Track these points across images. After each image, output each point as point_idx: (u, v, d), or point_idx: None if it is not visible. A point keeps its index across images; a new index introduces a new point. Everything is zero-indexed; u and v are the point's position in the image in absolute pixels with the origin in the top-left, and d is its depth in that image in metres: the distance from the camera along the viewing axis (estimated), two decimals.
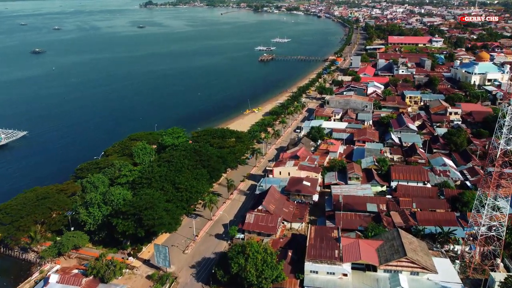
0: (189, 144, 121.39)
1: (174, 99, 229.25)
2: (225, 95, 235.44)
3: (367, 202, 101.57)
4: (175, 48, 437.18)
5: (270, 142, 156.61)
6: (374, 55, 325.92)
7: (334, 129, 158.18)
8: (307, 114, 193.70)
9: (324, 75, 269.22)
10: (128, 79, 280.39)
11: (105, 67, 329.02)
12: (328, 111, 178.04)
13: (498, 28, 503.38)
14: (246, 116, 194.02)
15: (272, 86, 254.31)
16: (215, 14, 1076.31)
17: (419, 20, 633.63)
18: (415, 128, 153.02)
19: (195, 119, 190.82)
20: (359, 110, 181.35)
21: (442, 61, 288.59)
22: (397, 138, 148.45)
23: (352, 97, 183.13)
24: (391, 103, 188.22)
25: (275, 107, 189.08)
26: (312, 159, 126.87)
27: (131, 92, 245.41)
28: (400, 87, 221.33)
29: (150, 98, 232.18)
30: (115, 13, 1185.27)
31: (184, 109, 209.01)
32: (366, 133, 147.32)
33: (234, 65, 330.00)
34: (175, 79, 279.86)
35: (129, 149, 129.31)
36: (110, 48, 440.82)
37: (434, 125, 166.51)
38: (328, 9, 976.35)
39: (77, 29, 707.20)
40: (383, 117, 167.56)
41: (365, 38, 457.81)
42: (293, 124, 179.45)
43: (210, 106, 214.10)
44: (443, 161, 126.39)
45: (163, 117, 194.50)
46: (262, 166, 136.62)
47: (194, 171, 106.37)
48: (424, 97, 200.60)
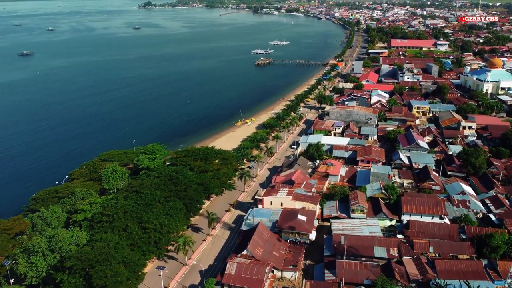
0: (165, 169, 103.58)
1: (161, 108, 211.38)
2: (216, 104, 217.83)
3: (375, 245, 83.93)
4: (169, 51, 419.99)
5: (262, 160, 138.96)
6: (377, 59, 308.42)
7: (334, 146, 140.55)
8: (304, 126, 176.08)
9: (324, 82, 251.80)
10: (114, 85, 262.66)
11: (93, 71, 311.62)
12: (328, 124, 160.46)
13: (504, 31, 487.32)
14: (238, 128, 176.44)
15: (268, 93, 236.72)
16: (214, 15, 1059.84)
17: (422, 22, 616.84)
18: (426, 146, 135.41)
19: (181, 132, 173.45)
20: (362, 123, 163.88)
21: (450, 66, 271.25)
22: (406, 157, 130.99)
23: (354, 108, 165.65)
24: (398, 115, 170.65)
25: (269, 119, 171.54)
26: (309, 184, 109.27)
27: (115, 100, 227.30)
28: (406, 95, 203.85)
29: (135, 107, 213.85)
30: (112, 14, 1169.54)
31: (171, 120, 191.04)
32: (371, 152, 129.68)
33: (229, 70, 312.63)
34: (165, 85, 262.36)
35: (98, 172, 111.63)
36: (102, 51, 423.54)
37: (446, 140, 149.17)
38: (328, 11, 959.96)
39: (71, 30, 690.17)
40: (390, 132, 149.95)
41: (367, 41, 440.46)
42: (289, 139, 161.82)
43: (199, 116, 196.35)
44: (461, 187, 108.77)
45: (146, 130, 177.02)
46: (252, 191, 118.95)
47: (167, 204, 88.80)
48: (433, 108, 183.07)
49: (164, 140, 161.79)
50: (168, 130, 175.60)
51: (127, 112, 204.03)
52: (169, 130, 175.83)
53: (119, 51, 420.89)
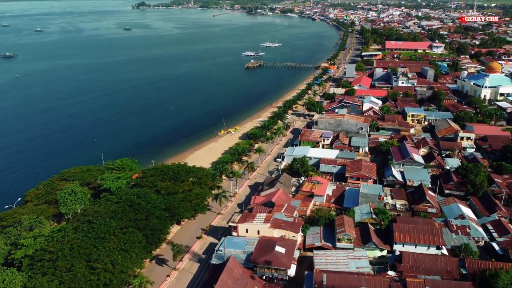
0: (127, 192, 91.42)
1: (141, 115, 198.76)
2: (200, 110, 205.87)
3: (362, 285, 72.38)
4: (158, 53, 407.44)
5: (243, 176, 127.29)
6: (371, 62, 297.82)
7: (322, 159, 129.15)
8: (292, 136, 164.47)
9: (315, 86, 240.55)
10: (96, 90, 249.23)
11: (76, 75, 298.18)
12: (315, 134, 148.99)
13: (500, 33, 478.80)
14: (220, 138, 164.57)
15: (255, 98, 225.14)
16: (208, 16, 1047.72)
17: (417, 23, 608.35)
18: (421, 161, 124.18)
19: (159, 143, 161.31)
20: (353, 133, 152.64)
21: (446, 70, 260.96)
22: (399, 173, 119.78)
23: (344, 117, 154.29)
24: (391, 124, 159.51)
25: (254, 128, 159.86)
26: (290, 208, 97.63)
27: (94, 106, 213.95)
28: (401, 102, 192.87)
29: (113, 115, 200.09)
30: (105, 14, 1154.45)
31: (149, 129, 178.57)
32: (361, 168, 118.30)
33: (218, 73, 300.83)
34: (149, 90, 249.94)
35: (55, 193, 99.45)
36: (89, 53, 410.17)
37: (443, 153, 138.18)
38: (323, 12, 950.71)
39: (60, 31, 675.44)
40: (382, 144, 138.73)
41: (361, 43, 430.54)
42: (274, 150, 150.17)
43: (180, 124, 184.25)
44: (460, 210, 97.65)
45: (121, 140, 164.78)
46: (229, 213, 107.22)
47: (123, 237, 76.86)
48: (428, 116, 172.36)
49: (140, 152, 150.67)
50: (144, 141, 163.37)
51: (104, 120, 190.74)
52: (145, 141, 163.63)
53: (106, 53, 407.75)
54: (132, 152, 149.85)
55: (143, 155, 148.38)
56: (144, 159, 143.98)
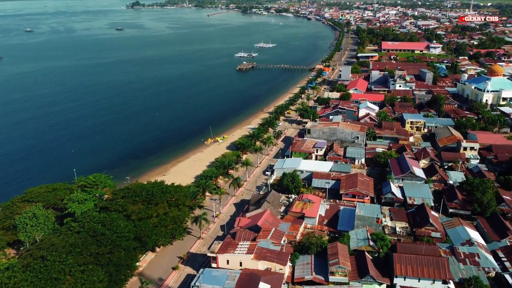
0: (92, 219, 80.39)
1: (123, 122, 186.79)
2: (188, 116, 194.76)
3: None
4: (149, 54, 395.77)
5: (228, 192, 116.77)
6: (367, 64, 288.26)
7: (314, 173, 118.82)
8: (283, 146, 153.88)
9: (308, 90, 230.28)
10: (80, 96, 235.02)
11: (61, 78, 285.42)
12: (308, 144, 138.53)
13: (498, 33, 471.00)
14: (206, 148, 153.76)
15: (246, 103, 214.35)
16: (202, 15, 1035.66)
17: (414, 23, 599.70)
18: (423, 175, 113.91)
19: (140, 154, 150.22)
20: (348, 143, 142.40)
21: (444, 72, 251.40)
22: (399, 189, 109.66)
23: (339, 126, 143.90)
24: (389, 132, 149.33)
25: (242, 138, 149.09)
26: (278, 233, 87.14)
27: (76, 114, 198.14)
28: (398, 107, 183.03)
29: (94, 122, 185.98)
30: (98, 14, 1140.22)
31: (133, 138, 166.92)
32: (357, 183, 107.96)
33: (209, 75, 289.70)
34: (136, 94, 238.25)
35: (14, 217, 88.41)
36: (77, 54, 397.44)
37: (445, 164, 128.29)
38: (318, 11, 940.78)
39: (51, 31, 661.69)
40: (379, 155, 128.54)
41: (357, 43, 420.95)
42: (263, 162, 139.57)
43: (165, 132, 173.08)
44: (467, 234, 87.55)
45: (100, 151, 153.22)
46: (210, 237, 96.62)
47: (81, 276, 66.06)
48: (428, 122, 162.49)
49: (120, 164, 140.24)
50: (126, 152, 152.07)
51: (85, 129, 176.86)
52: (127, 152, 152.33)
53: (95, 54, 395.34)
54: (111, 164, 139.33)
55: (123, 168, 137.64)
56: (122, 173, 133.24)
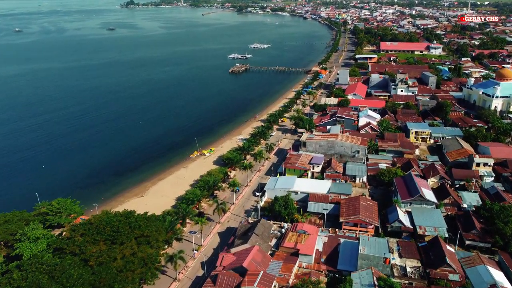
0: (38, 266, 65.89)
1: (103, 133, 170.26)
2: (174, 126, 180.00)
3: None
4: (139, 55, 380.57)
5: (213, 218, 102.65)
6: (365, 66, 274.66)
7: (311, 195, 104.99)
8: (276, 160, 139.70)
9: (304, 95, 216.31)
10: (60, 101, 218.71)
11: (43, 82, 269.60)
12: (303, 160, 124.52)
13: (498, 32, 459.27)
14: (191, 163, 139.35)
15: (238, 110, 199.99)
16: (197, 15, 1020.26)
17: (412, 22, 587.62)
18: (434, 199, 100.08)
19: (117, 170, 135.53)
20: (348, 157, 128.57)
21: (447, 75, 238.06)
22: (406, 215, 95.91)
23: (337, 138, 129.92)
24: (392, 145, 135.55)
25: (231, 152, 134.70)
26: (267, 279, 73.06)
27: (52, 124, 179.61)
28: (401, 115, 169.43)
29: (73, 134, 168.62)
30: (91, 14, 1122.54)
31: (112, 151, 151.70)
32: (359, 210, 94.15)
33: (199, 78, 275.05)
34: (120, 100, 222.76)
35: None
36: (64, 55, 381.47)
37: (456, 183, 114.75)
38: (314, 10, 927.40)
39: (41, 31, 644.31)
40: (383, 173, 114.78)
41: (354, 43, 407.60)
42: (254, 179, 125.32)
43: (148, 143, 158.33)
44: (490, 276, 73.98)
45: (74, 168, 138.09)
46: (188, 278, 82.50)
47: None
48: (435, 133, 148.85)
49: (93, 183, 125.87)
50: (102, 167, 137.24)
51: (60, 141, 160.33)
52: (103, 167, 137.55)
53: (82, 56, 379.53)
54: (85, 182, 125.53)
55: (98, 187, 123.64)
56: (96, 193, 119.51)
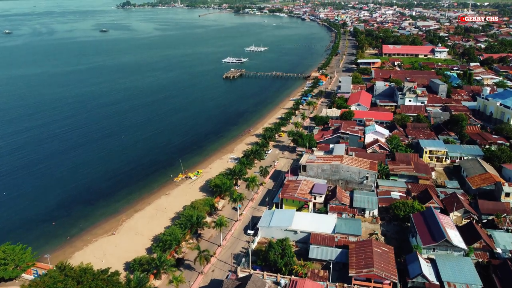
0: None
1: (78, 151, 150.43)
2: (157, 141, 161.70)
3: None
4: (129, 59, 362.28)
5: (195, 267, 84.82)
6: (368, 71, 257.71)
7: (313, 235, 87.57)
8: (272, 185, 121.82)
9: (304, 104, 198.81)
10: (36, 114, 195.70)
11: (20, 90, 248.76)
12: (304, 188, 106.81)
13: (503, 34, 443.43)
14: (174, 189, 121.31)
15: (230, 123, 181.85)
16: (193, 16, 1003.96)
17: (413, 24, 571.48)
18: (462, 244, 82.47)
19: (92, 197, 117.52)
20: (355, 184, 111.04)
21: (457, 82, 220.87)
22: (430, 265, 78.34)
23: (342, 162, 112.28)
24: (406, 168, 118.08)
25: (220, 176, 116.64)
26: None
27: (21, 142, 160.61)
28: (411, 130, 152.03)
29: (39, 153, 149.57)
30: (86, 15, 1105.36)
31: (85, 173, 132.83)
32: (372, 259, 76.59)
33: (191, 85, 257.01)
34: (102, 111, 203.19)
35: None
36: (50, 60, 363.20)
37: (483, 217, 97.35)
38: (313, 11, 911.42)
39: (31, 33, 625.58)
40: (398, 206, 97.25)
41: (355, 46, 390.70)
42: (246, 211, 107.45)
43: (128, 164, 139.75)
44: None
45: (38, 194, 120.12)
46: None
47: None
48: (451, 152, 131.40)
49: (58, 215, 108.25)
50: (66, 196, 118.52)
51: (25, 163, 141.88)
52: (73, 193, 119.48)
53: (70, 60, 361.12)
54: (48, 214, 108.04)
55: (63, 220, 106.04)
56: (57, 230, 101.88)
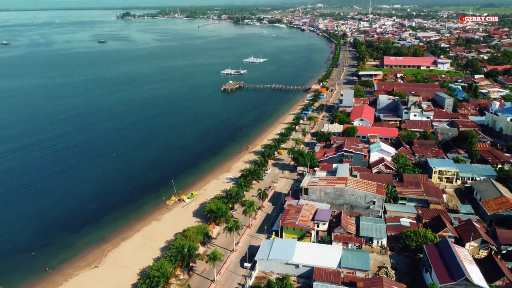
0: None
1: (65, 171, 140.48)
2: (150, 159, 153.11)
3: None
4: (126, 71, 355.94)
5: None
6: (370, 84, 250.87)
7: (316, 269, 79.00)
8: (271, 209, 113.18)
9: (304, 118, 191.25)
10: (22, 132, 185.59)
11: (13, 104, 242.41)
12: (305, 215, 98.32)
13: (505, 45, 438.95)
14: (166, 213, 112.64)
15: (227, 139, 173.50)
16: (193, 26, 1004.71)
17: (413, 34, 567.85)
18: (484, 283, 73.72)
19: (76, 223, 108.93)
20: (361, 208, 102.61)
21: (463, 95, 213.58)
22: None
23: (347, 185, 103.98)
24: (415, 191, 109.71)
25: (215, 200, 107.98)
26: None
27: (6, 161, 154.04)
28: (418, 147, 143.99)
29: (22, 173, 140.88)
30: (86, 25, 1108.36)
31: (69, 196, 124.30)
32: None
33: (188, 98, 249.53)
34: (95, 125, 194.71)
35: None
36: (45, 71, 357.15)
37: (502, 248, 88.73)
38: (312, 22, 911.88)
39: (29, 44, 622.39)
40: (408, 235, 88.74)
41: (355, 58, 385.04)
42: (242, 239, 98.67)
43: (117, 185, 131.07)
44: None
45: (17, 221, 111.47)
46: None
47: None
48: (462, 172, 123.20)
49: (40, 244, 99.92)
50: (50, 221, 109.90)
51: (7, 186, 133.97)
52: (52, 221, 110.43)
53: (66, 71, 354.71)
54: (26, 245, 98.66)
55: (41, 252, 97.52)
56: (37, 262, 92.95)
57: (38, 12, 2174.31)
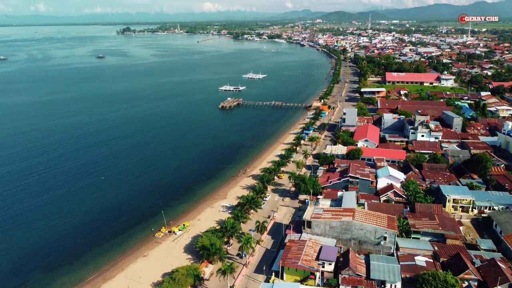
0: None
1: (46, 200, 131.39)
2: (142, 183, 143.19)
3: None
4: (122, 87, 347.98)
5: None
6: (373, 101, 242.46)
7: None
8: (271, 243, 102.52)
9: (305, 139, 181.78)
10: (15, 156, 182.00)
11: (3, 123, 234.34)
12: (309, 253, 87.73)
13: (508, 61, 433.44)
14: (155, 248, 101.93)
15: (224, 161, 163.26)
16: (192, 41, 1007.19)
17: (414, 50, 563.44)
18: None
19: (53, 260, 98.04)
20: (370, 245, 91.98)
21: (470, 114, 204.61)
22: None
23: (355, 218, 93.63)
24: (429, 224, 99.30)
25: (208, 234, 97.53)
26: None
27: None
28: (428, 171, 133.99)
29: (12, 206, 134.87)
30: (85, 40, 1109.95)
31: (48, 226, 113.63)
32: None
33: (184, 117, 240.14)
34: (86, 147, 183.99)
35: None
36: (41, 87, 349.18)
37: None
38: (312, 37, 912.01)
39: (26, 59, 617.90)
40: (426, 279, 78.07)
41: (357, 73, 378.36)
42: (238, 281, 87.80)
43: (102, 214, 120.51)
44: None
45: None
46: None
47: None
48: (479, 200, 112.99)
49: (10, 286, 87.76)
50: (24, 259, 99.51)
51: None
52: (27, 258, 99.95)
53: (61, 87, 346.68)
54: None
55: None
56: None
57: (40, 27, 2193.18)
